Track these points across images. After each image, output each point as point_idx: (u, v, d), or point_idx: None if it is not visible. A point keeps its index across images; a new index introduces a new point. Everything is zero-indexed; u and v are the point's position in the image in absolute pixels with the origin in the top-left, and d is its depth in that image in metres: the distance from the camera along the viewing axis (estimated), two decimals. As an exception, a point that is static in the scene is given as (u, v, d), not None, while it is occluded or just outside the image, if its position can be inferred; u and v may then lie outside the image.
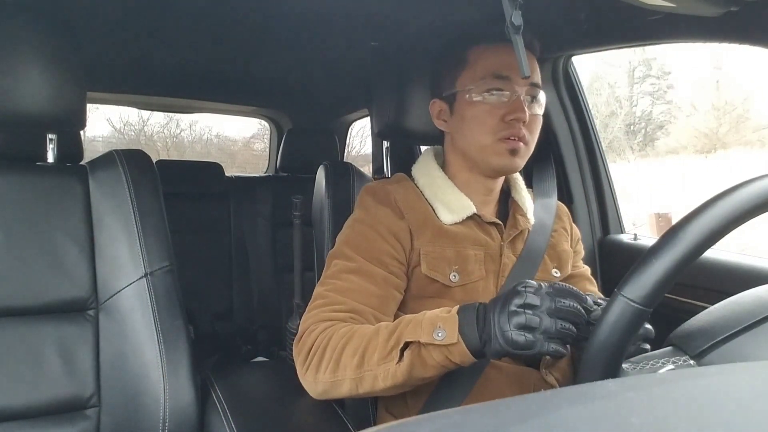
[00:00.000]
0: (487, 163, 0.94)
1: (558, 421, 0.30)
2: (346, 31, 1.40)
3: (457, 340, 0.72)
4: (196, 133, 9.03)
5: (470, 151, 0.95)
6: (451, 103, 0.97)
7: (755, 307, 0.59)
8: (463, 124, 0.95)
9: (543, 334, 0.68)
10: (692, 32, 1.04)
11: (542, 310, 0.68)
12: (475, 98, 0.92)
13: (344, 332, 0.81)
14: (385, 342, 0.77)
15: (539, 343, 0.68)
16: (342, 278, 0.89)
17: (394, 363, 0.75)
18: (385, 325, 0.81)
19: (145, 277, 0.96)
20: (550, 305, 0.68)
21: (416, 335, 0.74)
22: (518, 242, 0.99)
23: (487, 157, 0.93)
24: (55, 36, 0.92)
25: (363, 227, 0.93)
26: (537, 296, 0.69)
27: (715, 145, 9.37)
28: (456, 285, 0.91)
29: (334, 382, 0.80)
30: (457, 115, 0.96)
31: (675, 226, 0.55)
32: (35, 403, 0.89)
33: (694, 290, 1.19)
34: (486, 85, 0.91)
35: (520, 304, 0.69)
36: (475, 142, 0.93)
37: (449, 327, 0.73)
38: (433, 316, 0.76)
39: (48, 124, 0.94)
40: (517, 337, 0.68)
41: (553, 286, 0.71)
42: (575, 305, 0.69)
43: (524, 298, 0.69)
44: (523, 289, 0.70)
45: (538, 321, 0.68)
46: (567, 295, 0.70)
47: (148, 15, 1.34)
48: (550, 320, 0.68)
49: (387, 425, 0.31)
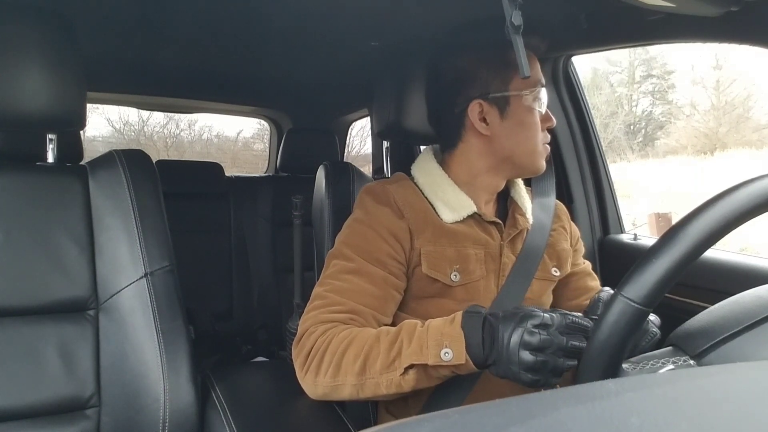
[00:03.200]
0: (533, 166, 0.96)
1: (558, 421, 0.30)
2: (346, 31, 1.40)
3: (465, 361, 0.73)
4: (196, 132, 9.04)
5: (519, 155, 0.95)
6: (501, 106, 0.94)
7: (755, 307, 0.59)
8: (520, 129, 0.94)
9: (551, 372, 0.70)
10: (692, 32, 1.04)
11: (552, 351, 0.70)
12: (532, 105, 0.94)
13: (344, 336, 0.81)
14: (387, 351, 0.77)
15: (543, 381, 0.70)
16: (341, 279, 0.88)
17: (397, 374, 0.75)
18: (386, 330, 0.80)
19: (145, 277, 0.96)
20: (561, 344, 0.70)
21: (422, 357, 0.74)
22: (518, 242, 0.99)
23: (536, 160, 0.96)
24: (55, 36, 0.92)
25: (362, 227, 0.93)
26: (549, 337, 0.70)
27: (715, 145, 9.37)
28: (457, 284, 0.91)
29: (334, 386, 0.80)
30: (511, 119, 0.94)
31: (675, 226, 0.55)
32: (35, 403, 0.89)
33: (694, 290, 1.19)
34: (538, 92, 0.94)
35: (533, 345, 0.69)
36: (529, 147, 0.95)
37: (456, 347, 0.73)
38: (437, 333, 0.76)
39: (48, 124, 0.94)
40: (525, 377, 0.70)
41: (566, 319, 0.71)
42: (582, 342, 0.70)
43: (538, 338, 0.69)
44: (536, 329, 0.70)
45: (547, 363, 0.69)
46: (576, 332, 0.71)
47: (149, 15, 1.34)
48: (559, 361, 0.70)
49: (387, 425, 0.31)
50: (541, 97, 0.94)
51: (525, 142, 0.95)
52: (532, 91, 0.93)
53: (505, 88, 0.93)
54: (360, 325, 0.84)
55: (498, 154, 0.96)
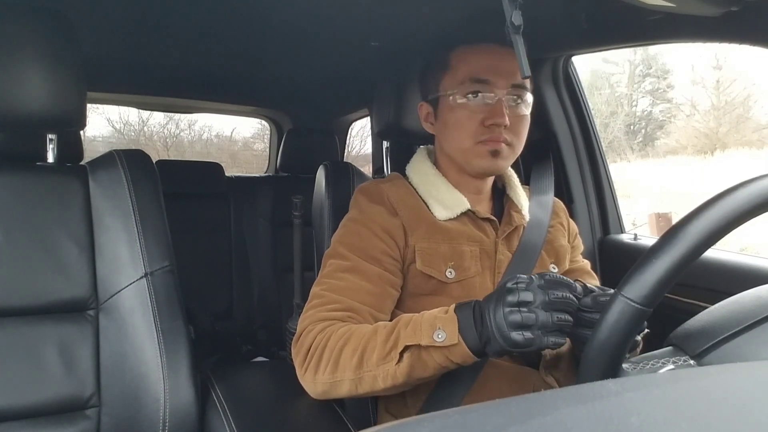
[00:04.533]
0: (469, 166, 0.95)
1: (558, 421, 0.30)
2: (346, 31, 1.40)
3: (458, 341, 0.72)
4: (196, 132, 9.04)
5: (454, 154, 0.97)
6: (435, 107, 0.98)
7: (755, 307, 0.59)
8: (446, 128, 0.96)
9: (541, 329, 0.68)
10: (692, 32, 1.04)
11: (536, 306, 0.69)
12: (457, 102, 0.92)
13: (342, 332, 0.81)
14: (384, 343, 0.77)
15: (538, 339, 0.68)
16: (338, 277, 0.89)
17: (393, 364, 0.75)
18: (383, 324, 0.81)
19: (145, 277, 0.96)
20: (543, 299, 0.69)
21: (416, 338, 0.74)
22: (513, 238, 0.99)
23: (470, 159, 0.94)
24: (56, 36, 0.92)
25: (357, 226, 0.93)
26: (529, 291, 0.69)
27: (715, 145, 9.37)
28: (452, 281, 0.91)
29: (333, 383, 0.81)
30: (440, 119, 0.97)
31: (675, 226, 0.55)
32: (35, 403, 0.89)
33: (694, 290, 1.19)
34: (466, 89, 0.92)
35: (514, 302, 0.69)
36: (457, 145, 0.95)
37: (449, 328, 0.73)
38: (431, 317, 0.76)
39: (48, 124, 0.94)
40: (516, 336, 0.68)
41: (544, 277, 0.71)
42: (567, 295, 0.70)
43: (517, 295, 0.69)
44: (514, 286, 0.70)
45: (534, 317, 0.68)
46: (558, 286, 0.70)
47: (149, 15, 1.34)
48: (545, 314, 0.68)
49: (387, 425, 0.31)
50: (480, 90, 0.91)
51: (452, 141, 0.96)
52: (458, 88, 0.92)
53: (436, 89, 0.97)
54: (357, 322, 0.85)
55: (446, 152, 0.99)
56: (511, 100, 0.92)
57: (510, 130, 0.91)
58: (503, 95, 0.91)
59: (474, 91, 0.91)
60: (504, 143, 0.91)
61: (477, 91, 0.91)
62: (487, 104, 0.91)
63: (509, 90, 0.91)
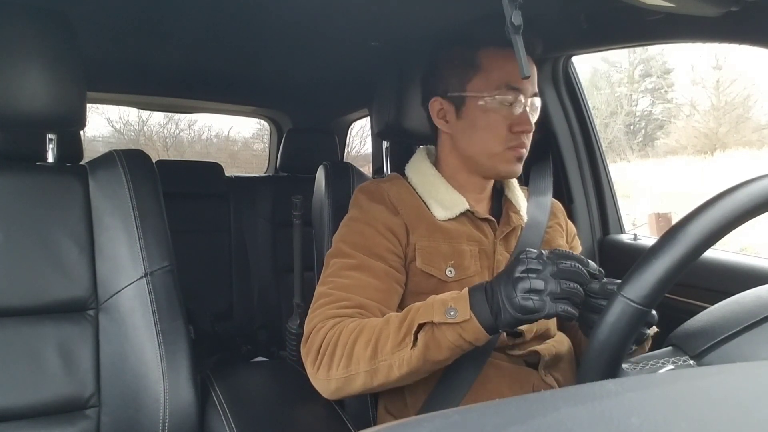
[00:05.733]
0: (494, 169, 0.96)
1: (558, 421, 0.30)
2: (346, 31, 1.40)
3: (470, 317, 0.73)
4: (196, 132, 9.04)
5: (477, 156, 0.96)
6: (458, 105, 0.97)
7: (755, 307, 0.59)
8: (473, 130, 0.95)
9: (550, 295, 0.69)
10: (692, 32, 1.04)
11: (546, 274, 0.70)
12: (489, 105, 0.93)
13: (354, 326, 0.81)
14: (398, 330, 0.77)
15: (548, 305, 0.69)
16: (343, 275, 0.89)
17: (408, 349, 0.75)
18: (395, 315, 0.81)
19: (145, 277, 0.96)
20: (552, 268, 0.70)
21: (429, 316, 0.75)
22: (512, 239, 0.99)
23: (496, 163, 0.95)
24: (55, 36, 0.92)
25: (359, 225, 0.93)
26: (538, 261, 0.71)
27: (715, 145, 9.37)
28: (452, 280, 0.91)
29: (347, 378, 0.80)
30: (466, 119, 0.96)
31: (675, 226, 0.55)
32: (35, 403, 0.89)
33: (694, 290, 1.19)
34: (501, 95, 0.92)
35: (523, 270, 0.70)
36: (485, 148, 0.95)
37: (461, 305, 0.74)
38: (442, 297, 0.77)
39: (48, 124, 0.94)
40: (524, 302, 0.69)
41: (554, 251, 0.73)
42: (577, 265, 0.71)
43: (526, 264, 0.71)
44: (524, 257, 0.72)
45: (542, 284, 0.69)
46: (567, 258, 0.71)
47: (149, 15, 1.34)
48: (554, 281, 0.69)
49: (387, 425, 0.31)
50: (512, 99, 0.92)
51: (480, 144, 0.95)
52: (493, 93, 0.92)
53: (462, 88, 0.95)
54: (367, 318, 0.84)
55: (461, 152, 0.99)
56: (531, 107, 0.94)
57: (528, 135, 0.95)
58: (529, 103, 0.93)
59: (508, 98, 0.92)
60: (525, 149, 0.95)
61: (510, 99, 0.92)
62: (513, 111, 0.93)
63: (531, 99, 0.94)
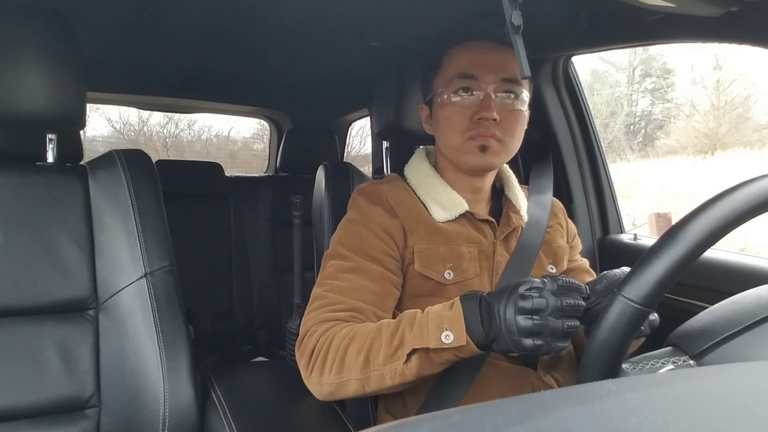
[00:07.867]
0: (460, 162, 0.96)
1: (558, 421, 0.30)
2: (346, 31, 1.40)
3: (466, 342, 0.72)
4: (195, 132, 9.04)
5: (446, 152, 0.98)
6: (431, 107, 0.99)
7: (755, 307, 0.59)
8: (438, 127, 0.97)
9: (551, 335, 0.69)
10: (692, 32, 1.04)
11: (548, 312, 0.69)
12: (446, 100, 0.93)
13: (346, 332, 0.81)
14: (389, 342, 0.76)
15: (546, 346, 0.69)
16: (339, 278, 0.89)
17: (400, 363, 0.75)
18: (387, 322, 0.80)
19: (145, 277, 0.96)
20: (556, 305, 0.69)
21: (423, 341, 0.74)
22: (512, 240, 0.99)
23: (459, 156, 0.94)
24: (55, 36, 0.92)
25: (357, 227, 0.93)
26: (543, 299, 0.69)
27: (715, 145, 9.37)
28: (451, 283, 0.91)
29: (339, 383, 0.80)
30: (435, 119, 0.98)
31: (675, 226, 0.55)
32: (35, 403, 0.89)
33: (694, 290, 1.19)
34: (454, 86, 0.92)
35: (527, 309, 0.69)
36: (448, 143, 0.95)
37: (456, 329, 0.73)
38: (437, 316, 0.75)
39: (48, 124, 0.94)
40: (526, 343, 0.69)
41: (557, 282, 0.71)
42: (579, 302, 0.70)
43: (531, 302, 0.69)
44: (528, 292, 0.70)
45: (545, 325, 0.68)
46: (570, 292, 0.70)
47: (149, 15, 1.34)
48: (556, 322, 0.68)
49: (387, 425, 0.31)
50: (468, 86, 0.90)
51: (444, 139, 0.97)
52: (447, 85, 0.92)
53: (430, 90, 0.98)
54: (361, 322, 0.84)
55: (441, 151, 1.00)
56: (504, 96, 0.91)
57: (501, 125, 0.90)
58: (492, 90, 0.90)
59: (463, 87, 0.91)
60: (493, 138, 0.90)
61: (466, 87, 0.91)
62: (474, 101, 0.91)
63: (499, 85, 0.90)
